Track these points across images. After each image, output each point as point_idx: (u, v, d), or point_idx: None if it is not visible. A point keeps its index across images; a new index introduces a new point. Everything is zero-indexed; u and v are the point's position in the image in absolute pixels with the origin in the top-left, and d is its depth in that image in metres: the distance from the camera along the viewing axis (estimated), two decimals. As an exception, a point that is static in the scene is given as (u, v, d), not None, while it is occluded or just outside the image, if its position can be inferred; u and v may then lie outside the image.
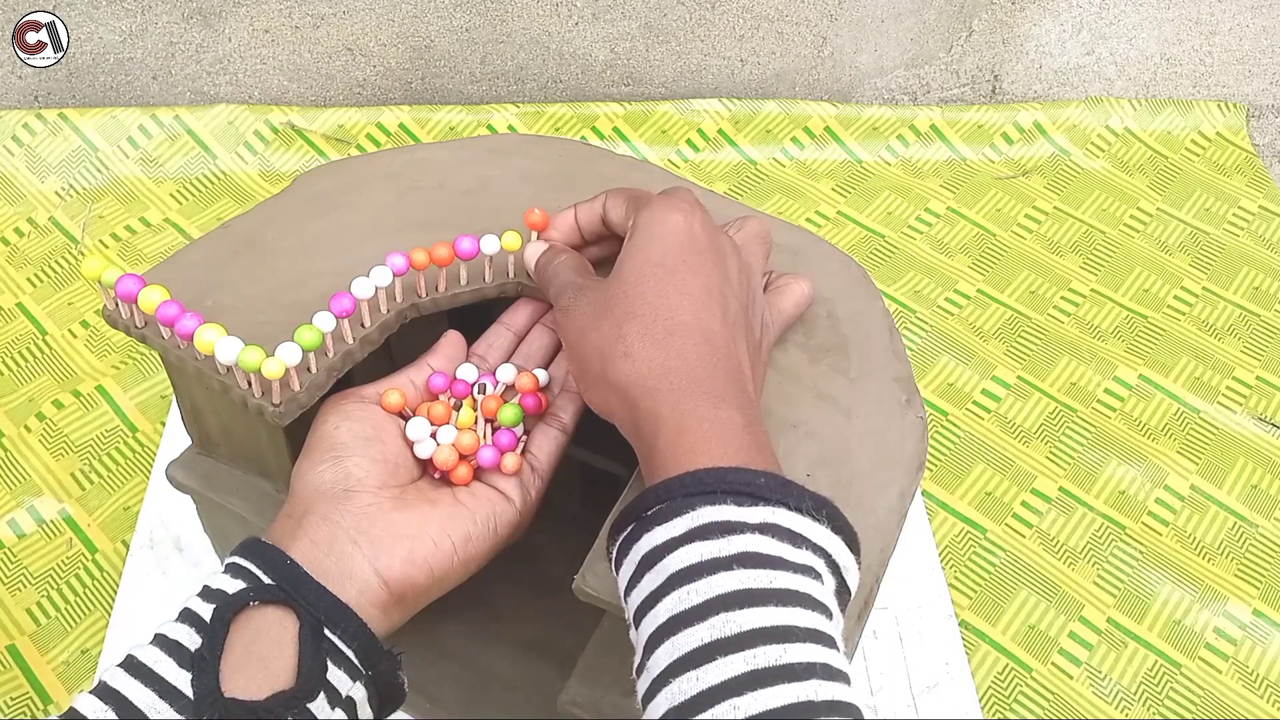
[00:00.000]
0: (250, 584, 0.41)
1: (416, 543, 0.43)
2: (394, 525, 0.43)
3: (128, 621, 0.66)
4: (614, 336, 0.42)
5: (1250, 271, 0.95)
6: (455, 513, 0.45)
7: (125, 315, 0.48)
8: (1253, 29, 1.07)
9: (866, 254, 0.95)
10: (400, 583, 0.42)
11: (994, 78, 1.08)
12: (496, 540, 0.46)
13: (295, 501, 0.44)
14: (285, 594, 0.40)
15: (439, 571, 0.43)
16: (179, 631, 0.40)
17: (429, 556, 0.43)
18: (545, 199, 0.56)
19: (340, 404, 0.47)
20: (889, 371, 0.50)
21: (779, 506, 0.37)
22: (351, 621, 0.41)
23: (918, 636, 0.68)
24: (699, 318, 0.42)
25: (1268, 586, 0.74)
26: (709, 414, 0.39)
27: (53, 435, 0.78)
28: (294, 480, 0.45)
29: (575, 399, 0.49)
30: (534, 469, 0.48)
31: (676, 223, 0.44)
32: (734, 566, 0.35)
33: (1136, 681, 0.70)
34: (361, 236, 0.53)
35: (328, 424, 0.46)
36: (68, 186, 0.95)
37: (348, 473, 0.44)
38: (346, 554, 0.42)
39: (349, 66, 1.01)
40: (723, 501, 0.37)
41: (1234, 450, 0.82)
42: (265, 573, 0.41)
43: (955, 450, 0.81)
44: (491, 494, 0.46)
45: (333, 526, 0.42)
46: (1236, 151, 1.06)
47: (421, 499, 0.45)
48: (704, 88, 1.05)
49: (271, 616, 0.40)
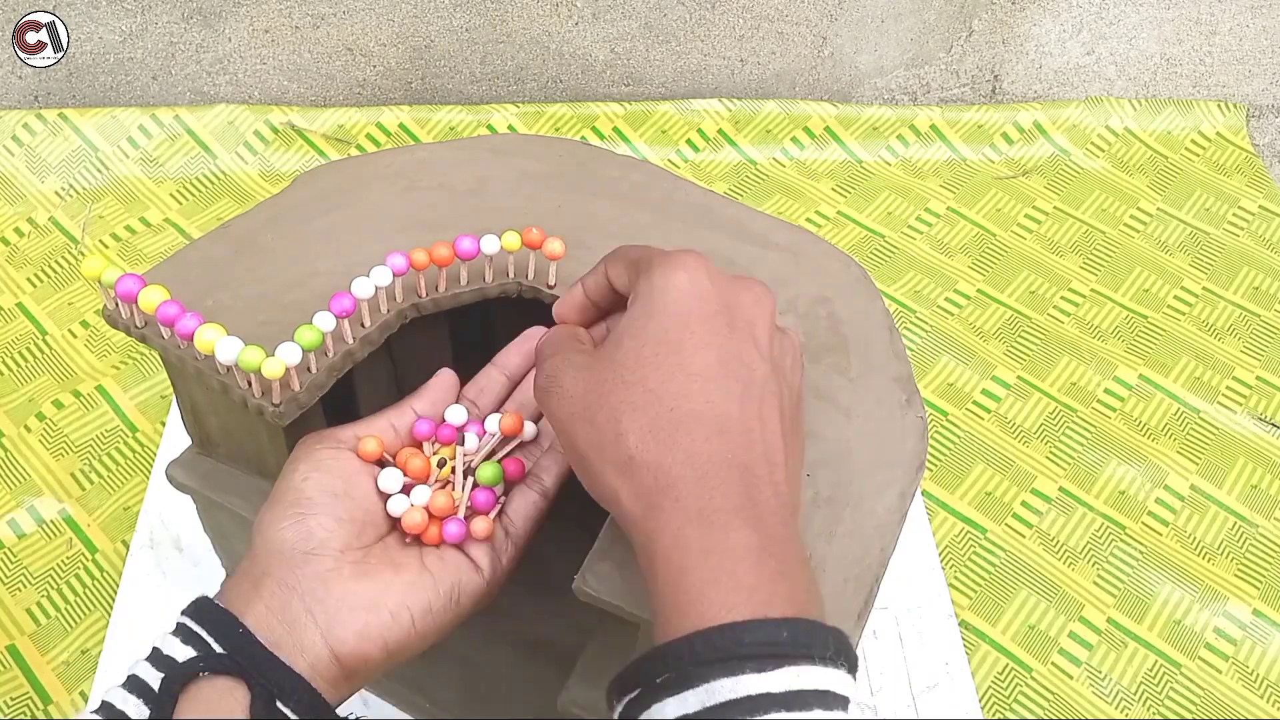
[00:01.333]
0: (201, 652, 0.39)
1: (373, 616, 0.41)
2: (351, 596, 0.41)
3: (128, 621, 0.66)
4: (613, 435, 0.37)
5: (1250, 271, 0.95)
6: (418, 581, 0.42)
7: (125, 315, 0.48)
8: (1253, 29, 1.07)
9: (866, 254, 0.95)
10: (352, 657, 0.41)
11: (994, 78, 1.08)
12: (459, 612, 0.43)
13: (254, 559, 0.42)
14: (237, 665, 0.39)
15: (394, 645, 0.41)
16: (126, 702, 0.38)
17: (385, 630, 0.41)
18: (545, 199, 0.56)
19: (313, 450, 0.45)
20: (889, 371, 0.50)
21: (804, 663, 0.32)
22: (305, 693, 0.39)
23: (918, 636, 0.68)
24: (712, 402, 0.36)
25: (1268, 586, 0.74)
26: (718, 544, 0.34)
27: (53, 435, 0.78)
28: (255, 532, 0.43)
29: (561, 461, 0.47)
30: (508, 534, 0.45)
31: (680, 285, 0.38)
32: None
33: (1136, 681, 0.70)
34: (361, 236, 0.53)
35: (297, 474, 0.44)
36: (68, 186, 0.95)
37: (310, 533, 0.42)
38: (300, 624, 0.40)
39: (349, 66, 1.01)
40: (740, 670, 0.32)
41: (1234, 450, 0.82)
42: (217, 640, 0.39)
43: (955, 450, 0.81)
44: (459, 561, 0.44)
45: (288, 593, 0.41)
46: (1236, 151, 1.06)
47: (385, 563, 0.43)
48: (704, 88, 1.05)
49: (222, 687, 0.38)
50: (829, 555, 0.43)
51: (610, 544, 0.43)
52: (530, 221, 0.54)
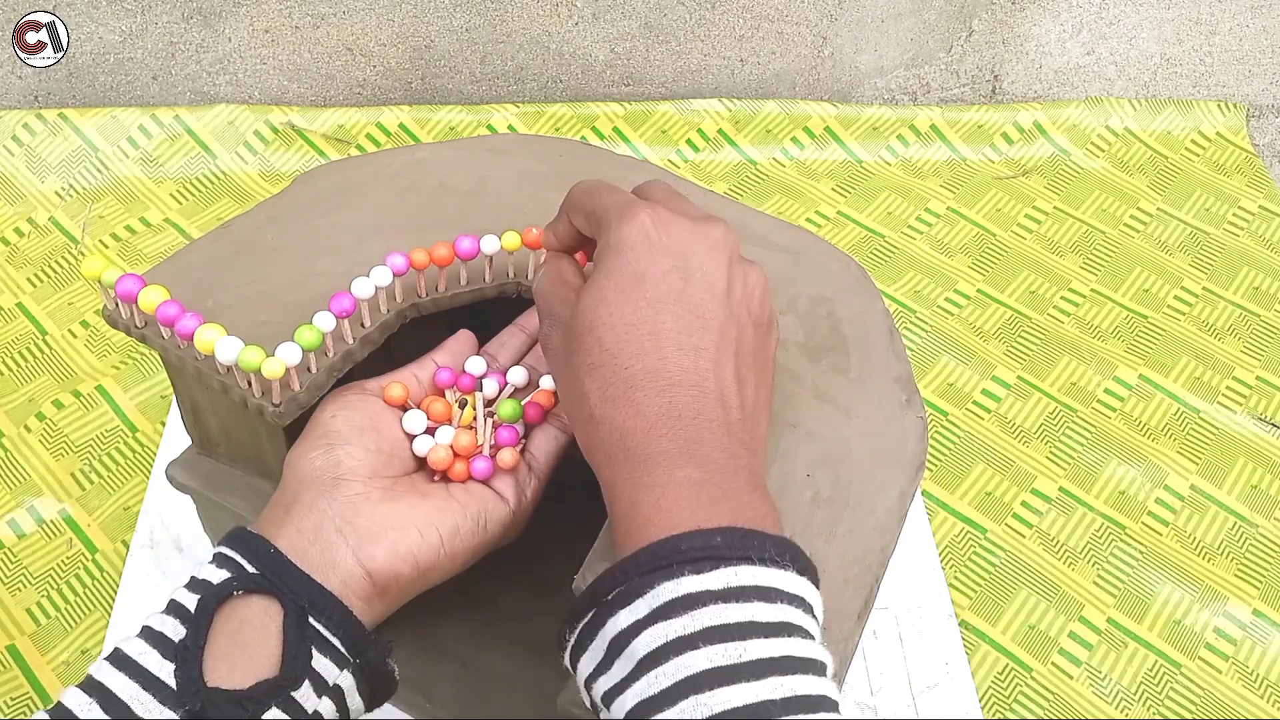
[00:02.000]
0: (235, 573, 0.40)
1: (402, 534, 0.42)
2: (380, 516, 0.43)
3: (128, 622, 0.66)
4: (578, 395, 0.39)
5: (1250, 271, 0.95)
6: (445, 506, 0.44)
7: (125, 315, 0.48)
8: (1253, 29, 1.07)
9: (866, 254, 0.95)
10: (384, 574, 0.42)
11: (994, 78, 1.08)
12: (486, 537, 0.45)
13: (285, 488, 0.44)
14: (269, 583, 0.40)
15: (424, 564, 0.43)
16: (164, 623, 0.39)
17: (414, 548, 0.43)
18: (545, 199, 0.56)
19: (341, 395, 0.47)
20: (889, 371, 0.50)
21: (741, 564, 0.35)
22: (336, 609, 0.40)
23: (918, 636, 0.68)
24: (664, 359, 0.38)
25: (1268, 586, 0.74)
26: (663, 479, 0.37)
27: (53, 435, 0.78)
28: (286, 466, 0.45)
29: None
30: (531, 469, 0.47)
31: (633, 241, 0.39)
32: (700, 644, 0.33)
33: (1136, 681, 0.70)
34: (361, 236, 0.53)
35: (325, 412, 0.46)
36: (68, 186, 0.95)
37: (338, 460, 0.44)
38: (331, 543, 0.42)
39: (349, 66, 1.01)
40: (680, 574, 0.35)
41: (1234, 450, 0.82)
42: (250, 562, 0.41)
43: (955, 450, 0.81)
44: (485, 492, 0.46)
45: (319, 515, 0.42)
46: (1236, 151, 1.06)
47: (412, 491, 0.45)
48: (704, 88, 1.05)
49: (256, 605, 0.40)
50: (829, 555, 0.43)
51: (610, 544, 0.43)
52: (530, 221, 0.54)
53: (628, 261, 0.39)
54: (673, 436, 0.38)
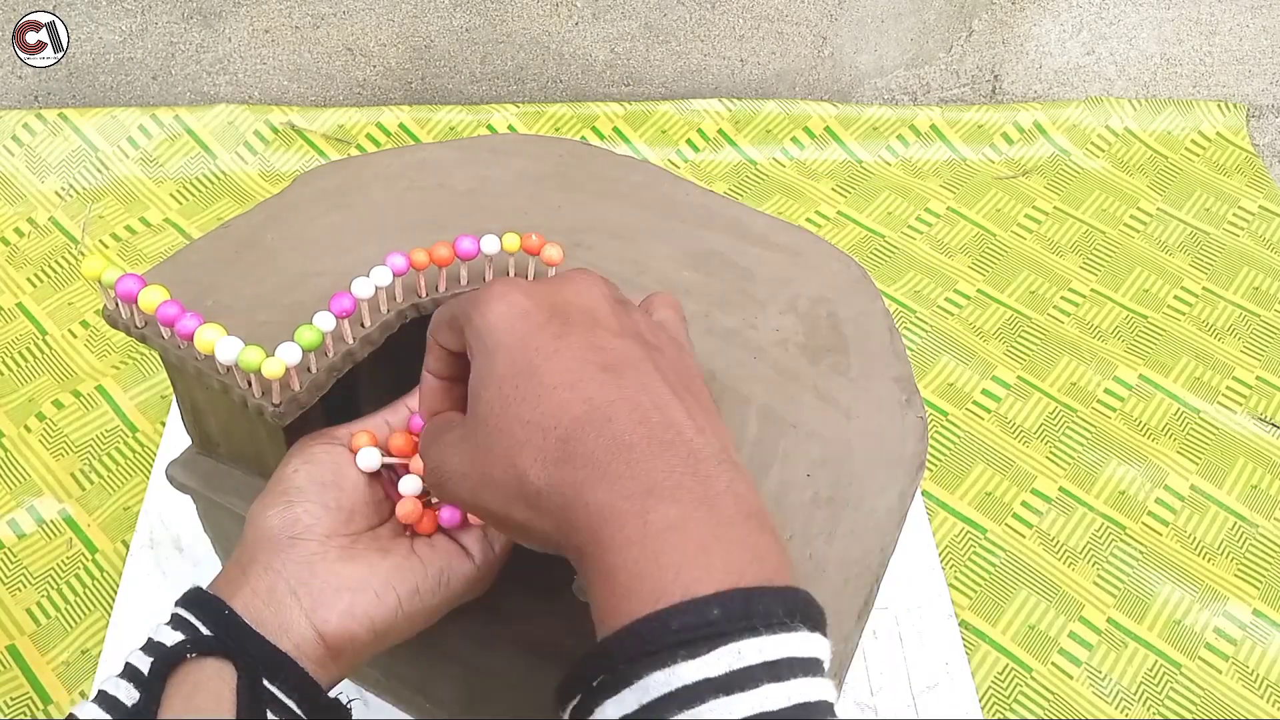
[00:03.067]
0: (189, 635, 0.40)
1: (357, 596, 0.41)
2: (335, 576, 0.42)
3: (128, 621, 0.66)
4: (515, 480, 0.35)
5: (1250, 271, 0.95)
6: (405, 564, 0.43)
7: (125, 315, 0.48)
8: (1253, 29, 1.07)
9: (866, 254, 0.95)
10: (337, 636, 0.41)
11: (994, 78, 1.08)
12: (448, 595, 0.44)
13: (244, 545, 0.43)
14: (223, 645, 0.39)
15: (380, 626, 0.42)
16: (119, 688, 0.39)
17: (370, 609, 0.41)
18: (545, 199, 0.56)
19: (307, 446, 0.46)
20: (889, 371, 0.50)
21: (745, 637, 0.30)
22: (292, 671, 0.40)
23: (918, 636, 0.68)
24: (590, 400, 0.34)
25: (1268, 586, 0.74)
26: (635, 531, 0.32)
27: (53, 435, 0.78)
28: (247, 521, 0.44)
29: None
30: None
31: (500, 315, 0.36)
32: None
33: (1136, 681, 0.70)
34: (361, 236, 0.53)
35: (288, 466, 0.45)
36: (68, 186, 0.95)
37: (296, 518, 0.43)
38: (285, 605, 0.41)
39: (349, 66, 1.01)
40: (672, 660, 0.30)
41: (1234, 450, 0.82)
42: (204, 624, 0.40)
43: (955, 450, 0.81)
44: (449, 547, 0.44)
45: (273, 576, 0.41)
46: (1236, 151, 1.06)
47: (372, 549, 0.43)
48: (704, 88, 1.05)
49: (210, 668, 0.39)
50: (829, 555, 0.43)
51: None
52: (530, 221, 0.54)
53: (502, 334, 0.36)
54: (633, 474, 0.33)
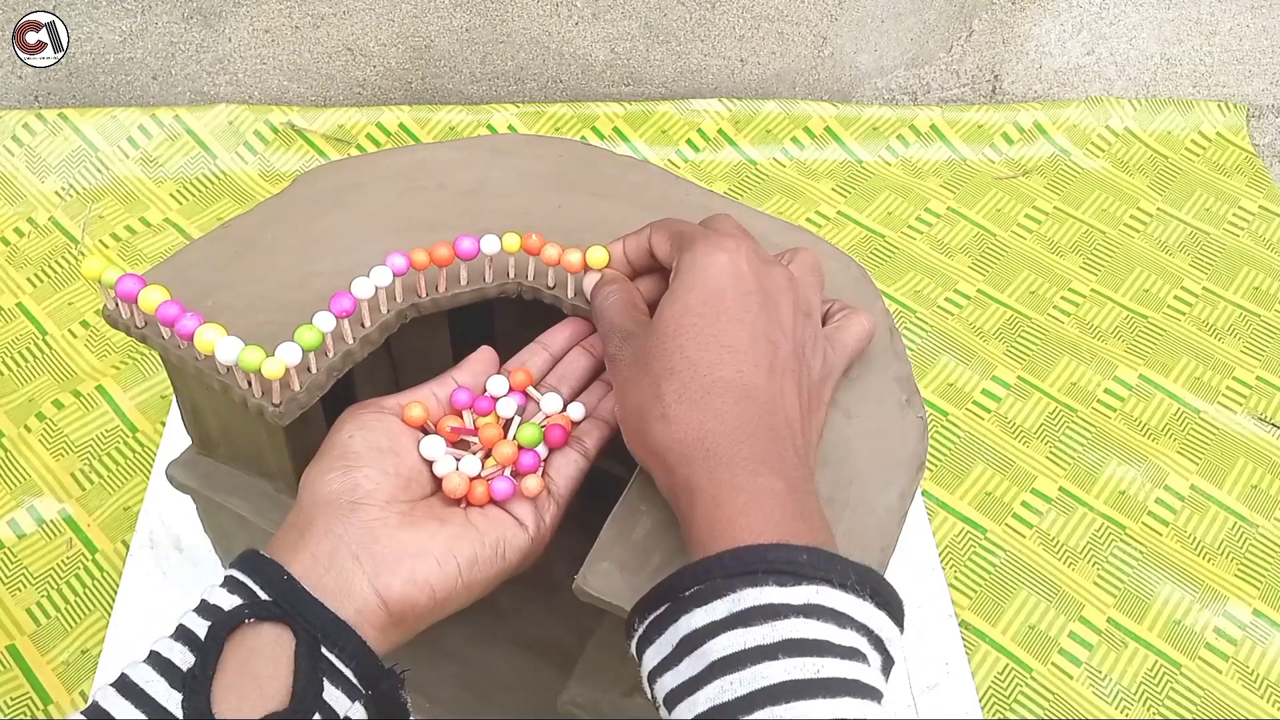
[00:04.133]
0: (246, 600, 0.39)
1: (419, 562, 0.42)
2: (398, 542, 0.42)
3: (128, 621, 0.66)
4: (652, 396, 0.41)
5: (1250, 271, 0.95)
6: (464, 533, 0.43)
7: (125, 315, 0.48)
8: (1253, 29, 1.07)
9: (866, 254, 0.95)
10: (400, 603, 0.41)
11: (994, 78, 1.08)
12: (505, 566, 0.44)
13: (301, 509, 0.43)
14: (281, 611, 0.39)
15: (441, 594, 0.42)
16: (172, 650, 0.39)
17: (431, 577, 0.42)
18: (545, 199, 0.56)
19: (358, 413, 0.46)
20: (889, 371, 0.50)
21: (823, 584, 0.35)
22: (350, 640, 0.39)
23: (918, 636, 0.68)
24: (741, 371, 0.40)
25: (1268, 586, 0.74)
26: (747, 483, 0.38)
27: (53, 435, 0.78)
28: (302, 487, 0.44)
29: (603, 427, 0.48)
30: (551, 494, 0.46)
31: (720, 264, 0.42)
32: (779, 655, 0.34)
33: (1136, 681, 0.70)
34: (361, 236, 0.53)
35: (342, 432, 0.45)
36: (68, 186, 0.95)
37: (356, 484, 0.43)
38: (347, 570, 0.41)
39: (349, 66, 1.01)
40: (764, 582, 0.35)
41: (1234, 450, 0.82)
42: (262, 588, 0.40)
43: (955, 450, 0.81)
44: (504, 518, 0.45)
45: (335, 540, 0.41)
46: (1236, 151, 1.06)
47: (430, 516, 0.44)
48: (704, 88, 1.05)
49: (267, 634, 0.39)
50: (829, 555, 0.43)
51: (610, 544, 0.43)
52: (530, 221, 0.54)
53: (711, 277, 0.42)
54: (753, 444, 0.39)
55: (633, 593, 0.41)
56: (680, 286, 0.42)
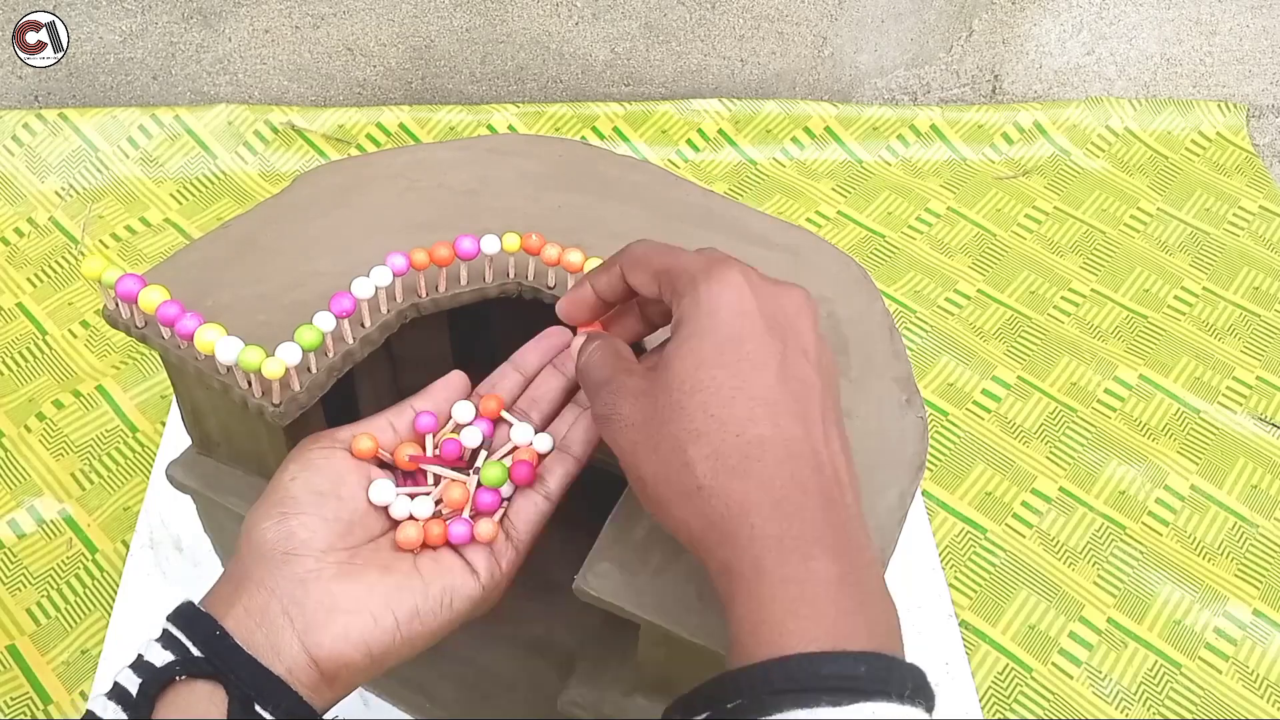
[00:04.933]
0: (179, 656, 0.38)
1: (352, 619, 0.39)
2: (330, 597, 0.40)
3: (128, 621, 0.66)
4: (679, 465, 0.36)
5: (1250, 271, 0.95)
6: (406, 584, 0.41)
7: (125, 315, 0.48)
8: (1253, 29, 1.07)
9: (866, 254, 0.95)
10: (331, 661, 0.39)
11: (994, 78, 1.08)
12: (451, 616, 0.42)
13: (239, 558, 0.41)
14: (213, 669, 0.38)
15: (377, 650, 0.40)
16: (106, 708, 0.38)
17: (365, 634, 0.40)
18: (545, 199, 0.56)
19: (306, 451, 0.44)
20: (889, 371, 0.50)
21: (880, 699, 0.32)
22: (285, 697, 0.38)
23: (918, 636, 0.68)
24: (779, 426, 0.36)
25: (1268, 586, 0.74)
26: (798, 572, 0.33)
27: (53, 435, 0.78)
28: (243, 530, 0.42)
29: (568, 463, 0.46)
30: (509, 538, 0.44)
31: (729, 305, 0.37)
32: None
33: (1136, 681, 0.70)
34: (361, 236, 0.53)
35: (286, 473, 0.43)
36: (68, 186, 0.95)
37: (291, 532, 0.41)
38: (277, 626, 0.39)
39: (349, 66, 1.01)
40: (816, 703, 0.31)
41: (1234, 450, 0.82)
42: (194, 644, 0.39)
43: (955, 450, 0.81)
44: (455, 564, 0.42)
45: (267, 594, 0.39)
46: (1236, 151, 1.06)
47: (373, 564, 0.41)
48: (704, 88, 1.05)
49: (200, 691, 0.38)
50: (829, 555, 0.43)
51: (610, 544, 0.43)
52: (530, 221, 0.54)
53: (723, 322, 0.37)
54: (802, 518, 0.34)
55: (633, 593, 0.41)
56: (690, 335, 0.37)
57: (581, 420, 0.47)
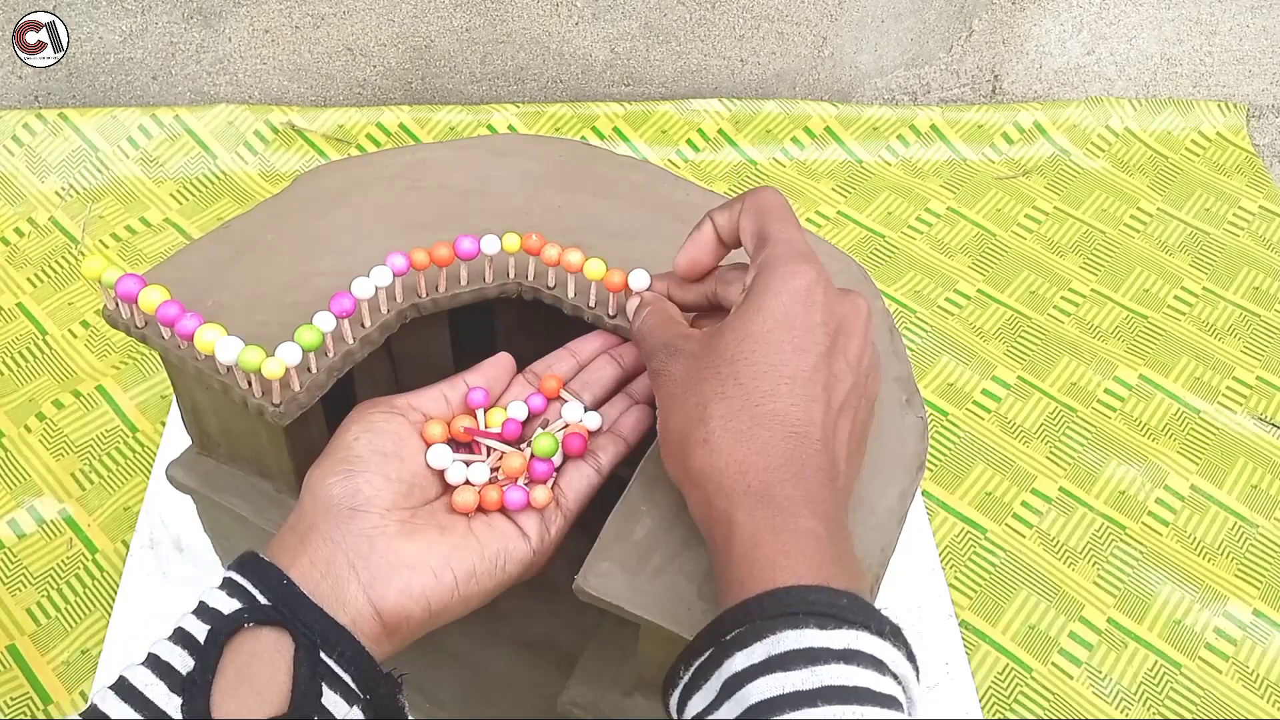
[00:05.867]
0: (246, 604, 0.39)
1: (415, 574, 0.41)
2: (395, 553, 0.41)
3: (128, 621, 0.66)
4: (697, 418, 0.40)
5: (1250, 271, 0.95)
6: (463, 544, 0.43)
7: (125, 315, 0.48)
8: (1253, 29, 1.07)
9: (866, 254, 0.95)
10: (394, 614, 0.41)
11: (994, 78, 1.08)
12: (504, 578, 0.43)
13: (302, 512, 0.43)
14: (281, 615, 0.39)
15: (436, 606, 0.42)
16: (171, 653, 0.38)
17: (427, 589, 0.41)
18: (545, 199, 0.56)
19: (366, 414, 0.45)
20: (889, 371, 0.50)
21: (861, 630, 0.35)
22: (349, 645, 0.39)
23: (918, 636, 0.67)
24: (795, 405, 0.39)
25: (1268, 586, 0.74)
26: (788, 524, 0.37)
27: (53, 435, 0.78)
28: (304, 489, 0.43)
29: (619, 443, 0.48)
30: (559, 505, 0.46)
31: (795, 291, 0.41)
32: (818, 702, 0.33)
33: (1136, 681, 0.70)
34: (361, 236, 0.53)
35: (349, 434, 0.44)
36: (68, 186, 0.95)
37: (357, 489, 0.42)
38: (343, 579, 0.41)
39: (349, 66, 1.01)
40: (805, 624, 0.34)
41: (1234, 450, 0.82)
42: (262, 592, 0.40)
43: (955, 450, 0.81)
44: (508, 528, 0.44)
45: (333, 547, 0.41)
46: (1236, 151, 1.06)
47: (432, 524, 0.43)
48: (704, 88, 1.05)
49: (266, 639, 0.39)
50: (829, 555, 0.43)
51: (610, 544, 0.43)
52: (530, 221, 0.54)
53: (782, 304, 0.40)
54: (795, 483, 0.38)
55: (633, 593, 0.41)
56: (750, 308, 0.41)
57: (633, 411, 0.49)
